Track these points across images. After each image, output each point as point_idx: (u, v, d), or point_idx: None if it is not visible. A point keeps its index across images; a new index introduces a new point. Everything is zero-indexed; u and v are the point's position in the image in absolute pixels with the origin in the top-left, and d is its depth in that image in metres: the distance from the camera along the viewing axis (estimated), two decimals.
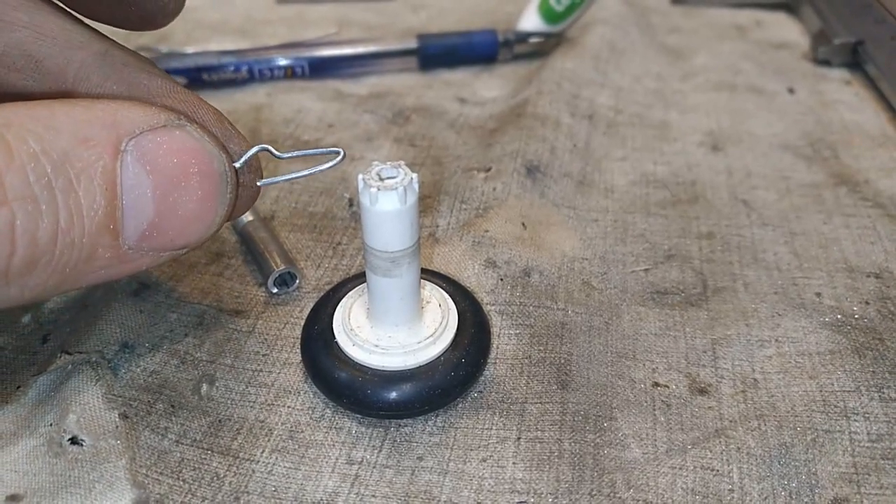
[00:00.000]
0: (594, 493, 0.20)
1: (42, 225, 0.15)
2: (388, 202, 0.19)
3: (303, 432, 0.21)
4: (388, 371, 0.21)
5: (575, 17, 0.42)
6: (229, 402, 0.22)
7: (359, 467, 0.21)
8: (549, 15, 0.42)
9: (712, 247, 0.28)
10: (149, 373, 0.23)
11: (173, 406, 0.22)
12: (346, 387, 0.21)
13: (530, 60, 0.42)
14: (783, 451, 0.21)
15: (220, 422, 0.22)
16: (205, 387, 0.23)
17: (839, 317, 0.25)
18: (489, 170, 0.32)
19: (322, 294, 0.25)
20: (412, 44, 0.41)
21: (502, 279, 0.26)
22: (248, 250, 0.28)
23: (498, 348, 0.24)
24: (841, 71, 0.41)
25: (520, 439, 0.21)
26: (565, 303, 0.26)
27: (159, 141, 0.17)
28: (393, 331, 0.22)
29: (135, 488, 0.20)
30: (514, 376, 0.23)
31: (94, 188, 0.16)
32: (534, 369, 0.23)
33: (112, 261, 0.17)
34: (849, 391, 0.22)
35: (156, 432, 0.21)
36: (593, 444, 0.21)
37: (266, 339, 0.24)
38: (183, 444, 0.21)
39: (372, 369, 0.21)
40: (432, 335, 0.22)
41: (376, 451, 0.21)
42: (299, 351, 0.23)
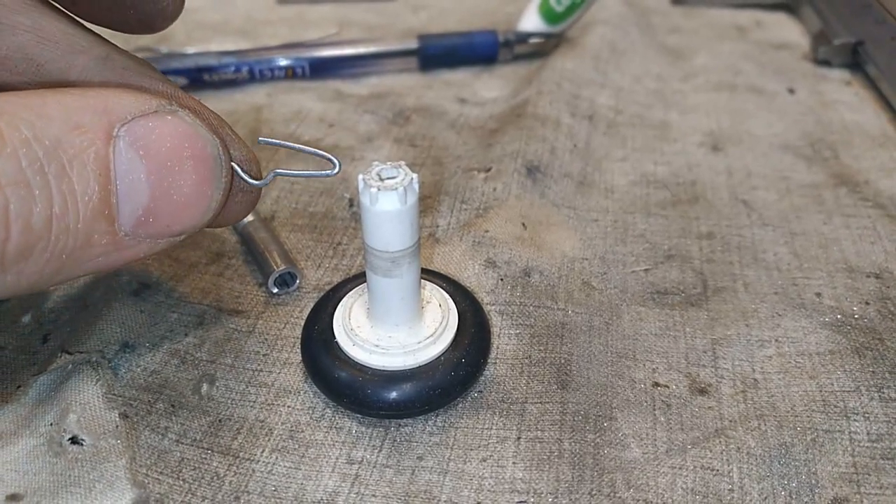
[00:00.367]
0: (594, 492, 0.20)
1: (36, 210, 0.15)
2: (388, 202, 0.19)
3: (303, 432, 0.21)
4: (388, 371, 0.21)
5: (575, 17, 0.42)
6: (229, 401, 0.22)
7: (359, 467, 0.21)
8: (549, 15, 0.42)
9: (712, 247, 0.28)
10: (149, 372, 0.23)
11: (173, 406, 0.22)
12: (347, 386, 0.21)
13: (531, 61, 0.42)
14: (783, 451, 0.21)
15: (220, 421, 0.22)
16: (205, 386, 0.23)
17: (839, 317, 0.25)
18: (489, 170, 0.32)
19: (322, 294, 0.25)
20: (413, 44, 0.41)
21: (502, 279, 0.26)
22: (249, 250, 0.28)
23: (498, 348, 0.24)
24: (841, 71, 0.41)
25: (520, 439, 0.21)
26: (565, 303, 0.26)
27: (151, 126, 0.17)
28: (393, 331, 0.22)
29: (135, 488, 0.20)
30: (515, 376, 0.23)
31: (88, 173, 0.16)
32: (534, 369, 0.23)
33: (109, 248, 0.17)
34: (849, 391, 0.22)
35: (156, 432, 0.21)
36: (593, 444, 0.21)
37: (266, 339, 0.24)
38: (183, 443, 0.21)
39: (372, 369, 0.21)
40: (432, 335, 0.22)
41: (376, 451, 0.21)
42: (299, 351, 0.23)
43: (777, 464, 0.20)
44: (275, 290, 0.26)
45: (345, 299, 0.23)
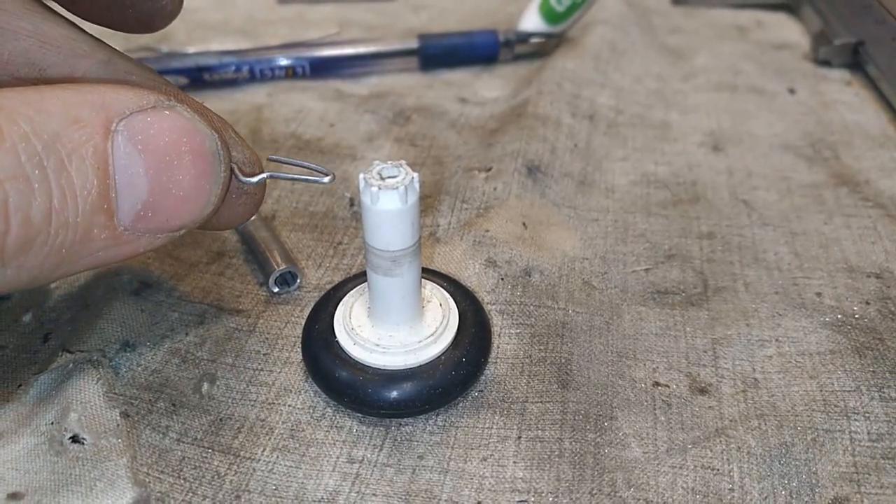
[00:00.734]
0: (595, 492, 0.20)
1: (35, 203, 0.15)
2: (389, 201, 0.19)
3: (304, 431, 0.21)
4: (388, 370, 0.21)
5: (576, 17, 0.42)
6: (230, 400, 0.22)
7: (360, 466, 0.21)
8: (549, 15, 0.42)
9: (713, 247, 0.28)
10: (150, 371, 0.23)
11: (174, 405, 0.22)
12: (347, 386, 0.21)
13: (531, 61, 0.42)
14: (783, 451, 0.21)
15: (221, 420, 0.22)
16: (206, 385, 0.23)
17: (839, 317, 0.25)
18: (490, 169, 0.32)
19: (323, 293, 0.25)
20: (413, 44, 0.41)
21: (503, 279, 0.26)
22: (249, 250, 0.28)
23: (498, 348, 0.24)
24: (841, 71, 0.41)
25: (520, 438, 0.21)
26: (566, 302, 0.26)
27: (150, 121, 0.17)
28: (394, 330, 0.22)
29: (136, 487, 0.20)
30: (515, 375, 0.23)
31: (86, 168, 0.16)
32: (534, 368, 0.23)
33: (108, 242, 0.17)
34: (849, 391, 0.22)
35: (157, 431, 0.21)
36: (594, 444, 0.21)
37: (267, 339, 0.24)
38: (184, 442, 0.21)
39: (373, 368, 0.21)
40: (433, 334, 0.22)
41: (377, 450, 0.21)
42: (300, 350, 0.23)
43: (777, 463, 0.20)
44: (275, 290, 0.26)
45: (345, 298, 0.23)
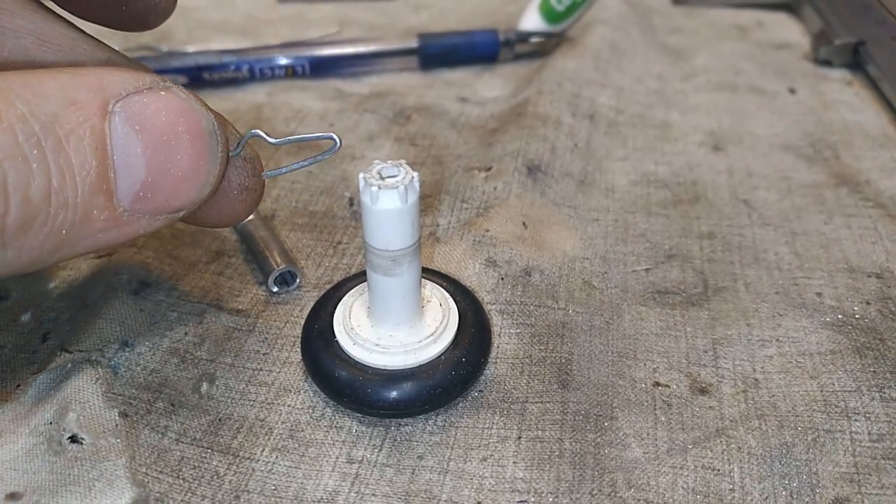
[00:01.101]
0: (595, 492, 0.20)
1: (34, 183, 0.15)
2: (389, 201, 0.19)
3: (303, 431, 0.21)
4: (388, 370, 0.21)
5: (576, 16, 0.42)
6: (229, 400, 0.22)
7: (359, 466, 0.20)
8: (550, 15, 0.42)
9: (713, 247, 0.28)
10: (149, 371, 0.23)
11: (173, 404, 0.22)
12: (347, 386, 0.21)
13: (531, 60, 0.42)
14: (784, 451, 0.21)
15: (220, 420, 0.22)
16: (205, 385, 0.23)
17: (840, 317, 0.25)
18: (490, 169, 0.32)
19: (322, 293, 0.25)
20: (413, 43, 0.41)
21: (503, 278, 0.26)
22: (249, 249, 0.28)
23: (498, 347, 0.24)
24: (842, 71, 0.41)
25: (520, 438, 0.21)
26: (566, 302, 0.26)
27: (146, 102, 0.18)
28: (393, 330, 0.22)
29: (134, 487, 0.19)
30: (515, 375, 0.23)
31: (85, 148, 0.16)
32: (534, 368, 0.23)
33: (108, 223, 0.17)
34: (850, 391, 0.22)
35: (156, 431, 0.21)
36: (594, 444, 0.21)
37: (266, 338, 0.24)
38: (183, 442, 0.21)
39: (372, 368, 0.21)
40: (433, 334, 0.22)
41: (377, 450, 0.21)
42: (300, 350, 0.23)
43: (778, 463, 0.20)
44: (275, 289, 0.26)
45: (345, 298, 0.23)
